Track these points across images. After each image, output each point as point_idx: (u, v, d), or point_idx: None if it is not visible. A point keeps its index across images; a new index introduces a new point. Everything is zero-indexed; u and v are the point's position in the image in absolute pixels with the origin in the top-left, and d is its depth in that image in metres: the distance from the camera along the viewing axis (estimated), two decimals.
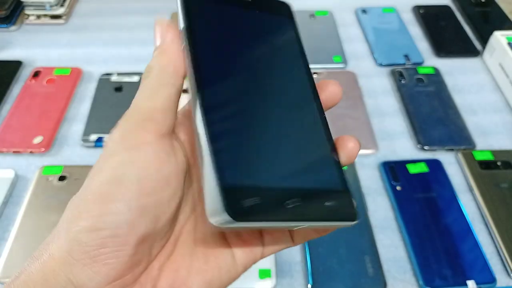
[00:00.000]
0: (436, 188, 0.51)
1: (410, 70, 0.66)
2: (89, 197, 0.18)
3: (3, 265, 0.44)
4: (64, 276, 0.17)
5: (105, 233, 0.17)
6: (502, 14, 0.77)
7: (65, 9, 0.74)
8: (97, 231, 0.17)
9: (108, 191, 0.18)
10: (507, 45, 0.64)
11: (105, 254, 0.17)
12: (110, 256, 0.17)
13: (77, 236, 0.17)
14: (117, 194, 0.17)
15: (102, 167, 0.18)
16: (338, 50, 0.70)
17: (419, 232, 0.47)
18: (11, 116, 0.58)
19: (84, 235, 0.17)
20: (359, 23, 0.76)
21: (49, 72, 0.64)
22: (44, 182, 0.51)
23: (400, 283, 0.45)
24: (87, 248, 0.17)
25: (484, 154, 0.55)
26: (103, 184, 0.18)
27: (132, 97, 0.20)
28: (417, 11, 0.78)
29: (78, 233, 0.17)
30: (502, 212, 0.49)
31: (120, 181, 0.18)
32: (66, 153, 0.55)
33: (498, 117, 0.61)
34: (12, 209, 0.49)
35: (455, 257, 0.45)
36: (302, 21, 0.75)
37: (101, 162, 0.19)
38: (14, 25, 0.72)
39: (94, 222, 0.17)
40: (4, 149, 0.54)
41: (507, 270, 0.45)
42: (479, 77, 0.67)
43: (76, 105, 0.61)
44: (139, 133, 0.19)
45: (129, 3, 0.79)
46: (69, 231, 0.17)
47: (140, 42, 0.71)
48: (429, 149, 0.56)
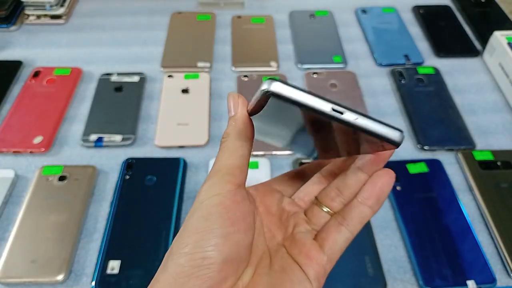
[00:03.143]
0: (436, 188, 0.51)
1: (410, 70, 0.66)
2: (188, 231, 0.23)
3: (3, 265, 0.44)
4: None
5: (198, 256, 0.22)
6: (502, 14, 0.77)
7: (65, 9, 0.74)
8: (191, 255, 0.23)
9: (200, 225, 0.23)
10: (507, 45, 0.64)
11: (198, 272, 0.22)
12: (202, 273, 0.22)
13: (178, 261, 0.23)
14: (207, 226, 0.23)
15: (197, 208, 0.24)
16: (338, 50, 0.70)
17: (419, 232, 0.47)
18: (11, 116, 0.58)
19: (183, 259, 0.23)
20: (359, 23, 0.76)
21: (49, 72, 0.64)
22: (44, 182, 0.51)
23: (400, 283, 0.45)
24: (185, 268, 0.22)
25: (484, 154, 0.55)
26: (197, 220, 0.24)
27: (132, 97, 0.21)
28: (417, 11, 0.78)
29: (179, 258, 0.23)
30: (502, 212, 0.49)
31: (209, 217, 0.23)
32: (66, 153, 0.55)
33: (498, 117, 0.61)
34: (12, 209, 0.49)
35: (455, 257, 0.45)
36: (302, 21, 0.75)
37: (196, 205, 0.25)
38: (14, 25, 0.72)
39: (190, 249, 0.23)
40: (4, 149, 0.54)
41: (507, 270, 0.45)
42: (479, 77, 0.67)
43: (76, 105, 0.61)
44: (222, 184, 0.25)
45: (129, 3, 0.79)
46: (173, 258, 0.23)
47: (140, 42, 0.71)
48: (429, 149, 0.56)
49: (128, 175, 0.52)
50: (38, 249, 0.45)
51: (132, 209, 0.49)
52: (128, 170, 0.52)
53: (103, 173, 0.53)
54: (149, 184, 0.51)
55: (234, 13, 0.77)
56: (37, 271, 0.43)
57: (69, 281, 0.44)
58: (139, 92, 0.62)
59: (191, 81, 0.64)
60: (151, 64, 0.67)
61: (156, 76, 0.65)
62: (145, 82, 0.64)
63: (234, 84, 0.64)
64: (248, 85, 0.64)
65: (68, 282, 0.44)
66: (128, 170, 0.52)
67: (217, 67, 0.67)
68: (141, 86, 0.63)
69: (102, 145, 0.55)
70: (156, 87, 0.64)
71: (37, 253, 0.45)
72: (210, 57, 0.68)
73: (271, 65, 0.67)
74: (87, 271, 0.45)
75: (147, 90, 0.63)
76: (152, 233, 0.47)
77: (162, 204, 0.49)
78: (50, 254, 0.45)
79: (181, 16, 0.76)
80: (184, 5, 0.79)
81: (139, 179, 0.51)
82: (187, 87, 0.63)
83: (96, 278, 0.44)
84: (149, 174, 0.52)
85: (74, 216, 0.48)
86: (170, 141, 0.56)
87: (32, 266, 0.44)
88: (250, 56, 0.69)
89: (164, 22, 0.75)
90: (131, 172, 0.52)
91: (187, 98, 0.61)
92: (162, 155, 0.55)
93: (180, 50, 0.69)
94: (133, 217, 0.48)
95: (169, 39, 0.71)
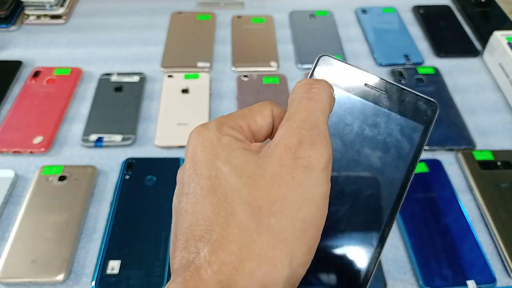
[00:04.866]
0: (436, 188, 0.51)
1: (410, 70, 0.66)
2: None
3: (3, 265, 0.44)
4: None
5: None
6: (502, 14, 0.77)
7: (65, 9, 0.74)
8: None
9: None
10: (507, 45, 0.64)
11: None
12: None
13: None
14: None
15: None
16: (338, 50, 0.70)
17: (419, 232, 0.47)
18: (11, 116, 0.58)
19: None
20: (359, 23, 0.76)
21: (49, 72, 0.64)
22: (44, 182, 0.51)
23: (400, 283, 0.45)
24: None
25: (484, 154, 0.55)
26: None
27: (132, 97, 0.21)
28: (417, 11, 0.78)
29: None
30: (502, 212, 0.49)
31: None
32: (66, 153, 0.55)
33: (498, 117, 0.61)
34: (12, 209, 0.49)
35: (455, 257, 0.45)
36: (302, 21, 0.75)
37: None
38: (14, 25, 0.72)
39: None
40: (4, 149, 0.54)
41: (507, 270, 0.45)
42: (479, 77, 0.67)
43: (76, 105, 0.61)
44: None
45: (129, 3, 0.79)
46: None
47: (140, 42, 0.71)
48: (429, 149, 0.56)
49: (128, 175, 0.52)
50: (38, 249, 0.45)
51: (132, 209, 0.49)
52: (128, 170, 0.52)
53: (103, 173, 0.53)
54: (149, 184, 0.51)
55: (234, 13, 0.77)
56: (37, 271, 0.43)
57: (69, 281, 0.44)
58: (139, 92, 0.62)
59: (191, 81, 0.64)
60: (151, 64, 0.67)
61: (156, 76, 0.65)
62: (145, 82, 0.64)
63: (234, 84, 0.64)
64: (248, 85, 0.64)
65: (68, 282, 0.44)
66: (128, 170, 0.52)
67: (217, 67, 0.67)
68: (141, 86, 0.63)
69: (102, 145, 0.55)
70: (156, 87, 0.64)
71: (37, 253, 0.45)
72: (210, 57, 0.68)
73: (271, 65, 0.67)
74: (87, 271, 0.45)
75: (147, 90, 0.63)
76: (152, 233, 0.47)
77: (162, 204, 0.49)
78: (50, 254, 0.45)
79: (181, 16, 0.76)
80: (184, 5, 0.79)
81: (139, 179, 0.51)
82: (187, 87, 0.63)
83: (96, 278, 0.44)
84: (149, 174, 0.52)
85: (74, 216, 0.48)
86: (170, 141, 0.56)
87: (32, 266, 0.44)
88: (250, 56, 0.69)
89: (164, 22, 0.75)
90: (131, 172, 0.52)
91: (187, 98, 0.61)
92: (162, 155, 0.55)
93: (180, 50, 0.69)
94: (133, 217, 0.48)
95: (169, 39, 0.71)
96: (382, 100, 0.24)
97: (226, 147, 0.21)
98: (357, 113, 0.24)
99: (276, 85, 0.64)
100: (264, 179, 0.19)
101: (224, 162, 0.20)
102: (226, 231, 0.18)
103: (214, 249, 0.18)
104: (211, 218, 0.19)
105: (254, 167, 0.20)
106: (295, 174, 0.19)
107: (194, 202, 0.20)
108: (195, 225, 0.19)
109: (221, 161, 0.20)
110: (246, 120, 0.23)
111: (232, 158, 0.20)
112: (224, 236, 0.18)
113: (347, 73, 0.24)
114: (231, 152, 0.20)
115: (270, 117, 0.23)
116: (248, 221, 0.18)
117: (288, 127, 0.21)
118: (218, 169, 0.20)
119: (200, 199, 0.20)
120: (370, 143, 0.24)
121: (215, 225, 0.18)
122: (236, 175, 0.19)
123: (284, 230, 0.18)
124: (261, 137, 0.24)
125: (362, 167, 0.23)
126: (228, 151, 0.20)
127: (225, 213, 0.19)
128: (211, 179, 0.20)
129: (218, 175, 0.20)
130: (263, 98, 0.62)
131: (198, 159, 0.21)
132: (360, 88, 0.24)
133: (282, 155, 0.20)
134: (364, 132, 0.24)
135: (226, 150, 0.21)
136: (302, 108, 0.21)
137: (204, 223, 0.19)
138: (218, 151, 0.21)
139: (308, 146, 0.20)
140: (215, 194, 0.19)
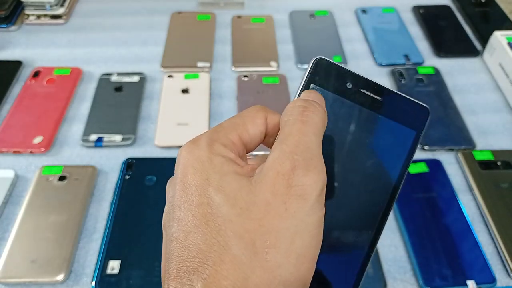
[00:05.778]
0: (436, 188, 0.51)
1: (410, 70, 0.66)
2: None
3: (3, 265, 0.44)
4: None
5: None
6: (502, 14, 0.77)
7: (65, 9, 0.74)
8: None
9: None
10: (507, 45, 0.64)
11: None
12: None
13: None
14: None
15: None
16: (338, 50, 0.70)
17: (419, 232, 0.47)
18: (11, 116, 0.58)
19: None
20: (359, 23, 0.76)
21: (49, 72, 0.64)
22: (44, 182, 0.51)
23: (400, 283, 0.45)
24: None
25: (484, 154, 0.55)
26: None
27: (132, 97, 0.21)
28: (417, 11, 0.78)
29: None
30: (502, 212, 0.49)
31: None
32: (66, 153, 0.55)
33: (498, 117, 0.61)
34: (12, 209, 0.49)
35: (455, 257, 0.45)
36: (302, 21, 0.75)
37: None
38: (14, 25, 0.72)
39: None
40: (4, 149, 0.54)
41: (507, 270, 0.45)
42: (479, 77, 0.67)
43: (76, 105, 0.61)
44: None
45: (129, 3, 0.79)
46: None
47: (140, 42, 0.71)
48: (429, 149, 0.56)
49: (128, 175, 0.52)
50: (38, 249, 0.45)
51: (132, 209, 0.49)
52: (128, 170, 0.52)
53: (103, 173, 0.53)
54: (149, 184, 0.51)
55: (234, 13, 0.77)
56: (37, 271, 0.43)
57: (69, 281, 0.44)
58: (139, 92, 0.62)
59: (191, 81, 0.64)
60: (151, 64, 0.67)
61: (156, 76, 0.65)
62: (145, 82, 0.64)
63: (234, 84, 0.64)
64: (248, 85, 0.64)
65: (68, 282, 0.44)
66: (128, 170, 0.52)
67: (217, 67, 0.67)
68: (141, 86, 0.63)
69: (102, 145, 0.55)
70: (156, 87, 0.64)
71: (37, 253, 0.45)
72: (210, 57, 0.68)
73: (271, 65, 0.67)
74: (87, 271, 0.45)
75: (147, 90, 0.63)
76: (152, 233, 0.47)
77: (162, 204, 0.49)
78: (50, 254, 0.45)
79: (181, 16, 0.76)
80: (184, 5, 0.79)
81: (139, 179, 0.51)
82: (187, 87, 0.63)
83: (96, 278, 0.44)
84: (149, 174, 0.52)
85: (74, 216, 0.48)
86: (170, 141, 0.56)
87: (32, 266, 0.44)
88: (250, 56, 0.69)
89: (164, 22, 0.75)
90: (131, 172, 0.52)
91: (187, 98, 0.61)
92: (162, 155, 0.55)
93: (180, 50, 0.69)
94: (133, 217, 0.48)
95: (169, 39, 0.71)
96: (375, 104, 0.24)
97: (218, 171, 0.20)
98: (350, 117, 0.24)
99: (276, 85, 0.64)
100: (257, 207, 0.19)
101: (216, 189, 0.20)
102: (219, 267, 0.18)
103: (207, 284, 0.18)
104: (204, 251, 0.18)
105: (247, 194, 0.19)
106: (288, 205, 0.19)
107: (185, 230, 0.19)
108: (187, 256, 0.19)
109: (213, 188, 0.20)
110: (238, 132, 0.22)
111: (224, 185, 0.20)
112: (217, 272, 0.18)
113: (341, 76, 0.24)
114: (223, 176, 0.20)
115: (263, 126, 0.23)
116: (241, 256, 0.18)
117: (280, 151, 0.20)
118: (210, 197, 0.19)
119: (192, 228, 0.19)
120: (361, 147, 0.24)
121: (208, 259, 0.18)
122: (229, 204, 0.19)
123: (279, 266, 0.18)
124: (253, 146, 0.23)
125: (354, 172, 0.24)
126: (220, 175, 0.20)
127: (218, 246, 0.18)
128: (202, 207, 0.19)
129: (210, 203, 0.19)
130: (263, 98, 0.62)
131: (189, 183, 0.20)
132: (354, 92, 0.24)
133: (275, 181, 0.19)
134: (356, 137, 0.24)
135: (218, 174, 0.20)
136: (295, 131, 0.21)
137: (197, 255, 0.18)
138: (209, 175, 0.20)
139: (302, 173, 0.19)
140: (207, 224, 0.19)
